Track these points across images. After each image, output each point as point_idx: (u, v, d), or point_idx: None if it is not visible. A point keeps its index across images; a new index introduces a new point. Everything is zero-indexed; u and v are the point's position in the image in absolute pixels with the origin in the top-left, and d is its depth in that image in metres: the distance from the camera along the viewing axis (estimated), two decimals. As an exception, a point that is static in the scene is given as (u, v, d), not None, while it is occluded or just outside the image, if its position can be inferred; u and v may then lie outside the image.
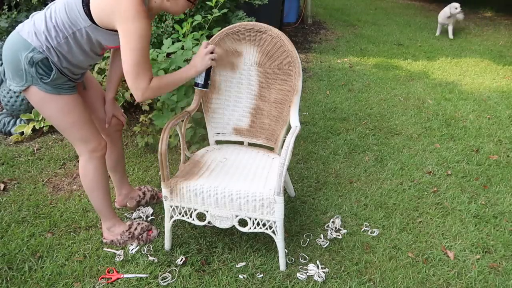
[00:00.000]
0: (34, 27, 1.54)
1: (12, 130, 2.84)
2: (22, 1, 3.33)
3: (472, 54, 5.10)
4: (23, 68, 1.53)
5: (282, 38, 1.93)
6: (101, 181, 1.82)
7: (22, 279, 1.73)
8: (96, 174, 1.79)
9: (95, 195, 1.84)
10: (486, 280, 1.82)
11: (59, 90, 1.60)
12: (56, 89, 1.59)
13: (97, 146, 1.75)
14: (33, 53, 1.51)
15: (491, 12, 7.76)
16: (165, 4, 1.60)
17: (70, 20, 1.53)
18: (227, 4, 3.23)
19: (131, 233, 1.93)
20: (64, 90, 1.62)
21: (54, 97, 1.60)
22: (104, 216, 1.90)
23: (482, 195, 2.40)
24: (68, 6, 1.53)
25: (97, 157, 1.77)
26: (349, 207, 2.26)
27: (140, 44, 1.49)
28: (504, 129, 3.19)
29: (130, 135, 2.87)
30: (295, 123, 1.85)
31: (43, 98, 1.60)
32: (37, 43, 1.52)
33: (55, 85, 1.59)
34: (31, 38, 1.52)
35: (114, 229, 1.93)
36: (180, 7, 1.63)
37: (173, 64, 2.44)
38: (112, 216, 1.93)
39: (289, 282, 1.77)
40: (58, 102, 1.62)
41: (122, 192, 2.14)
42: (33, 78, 1.55)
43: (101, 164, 1.79)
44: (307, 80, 4.06)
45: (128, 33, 1.48)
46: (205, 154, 2.05)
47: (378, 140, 2.98)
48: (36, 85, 1.56)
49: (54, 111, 1.63)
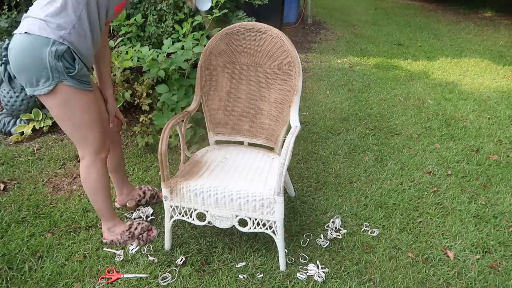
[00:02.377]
0: (40, 21, 1.48)
1: (12, 130, 2.84)
2: (22, 1, 3.32)
3: (472, 54, 5.10)
4: (48, 66, 1.48)
5: (282, 38, 1.93)
6: (104, 183, 1.82)
7: (22, 279, 1.73)
8: (99, 177, 1.78)
9: (98, 197, 1.83)
10: (486, 280, 1.82)
11: (84, 85, 1.58)
12: (81, 84, 1.57)
13: (102, 148, 1.75)
14: (56, 46, 1.47)
15: (491, 12, 7.76)
16: None
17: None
18: (227, 4, 3.23)
19: (131, 233, 1.93)
20: (87, 85, 1.60)
21: (80, 93, 1.58)
22: (105, 217, 1.90)
23: (482, 195, 2.40)
24: None
25: (101, 159, 1.76)
26: (349, 207, 2.26)
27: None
28: (504, 129, 3.19)
29: (130, 135, 2.87)
30: (295, 123, 1.85)
31: (70, 94, 1.56)
32: (54, 35, 1.47)
33: (80, 78, 1.56)
34: (47, 32, 1.47)
35: (115, 229, 1.93)
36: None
37: (173, 64, 2.44)
38: (113, 216, 1.93)
39: (289, 282, 1.77)
40: (82, 99, 1.60)
41: (123, 192, 2.15)
42: (60, 74, 1.50)
43: (104, 166, 1.79)
44: (307, 80, 4.06)
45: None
46: (205, 154, 2.05)
47: (378, 140, 2.98)
48: (64, 81, 1.52)
49: (78, 108, 1.60)
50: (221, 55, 2.03)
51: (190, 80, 2.55)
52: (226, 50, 2.02)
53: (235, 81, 2.07)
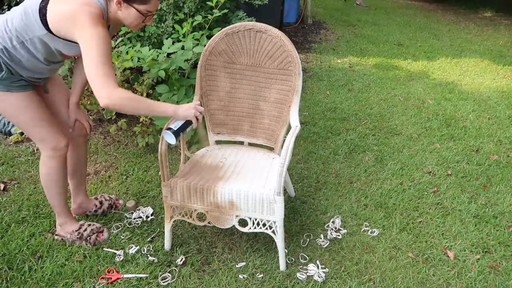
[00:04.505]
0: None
1: (12, 130, 2.84)
2: (22, 1, 3.32)
3: (472, 54, 5.10)
4: None
5: (282, 38, 1.93)
6: (59, 179, 1.81)
7: (22, 279, 1.74)
8: (54, 173, 1.78)
9: (50, 191, 1.83)
10: (486, 280, 1.82)
11: (9, 87, 1.59)
12: (6, 87, 1.59)
13: (56, 145, 1.74)
14: None
15: (491, 12, 7.76)
16: (118, 15, 1.59)
17: (26, 27, 1.52)
18: (227, 4, 3.23)
19: (80, 233, 1.92)
20: (15, 88, 1.61)
21: (7, 95, 1.60)
22: (57, 212, 1.91)
23: (482, 195, 2.40)
24: (25, 12, 1.52)
25: (58, 156, 1.76)
26: (349, 207, 2.26)
27: (100, 46, 1.45)
28: (504, 129, 3.19)
29: (130, 135, 2.87)
30: (295, 123, 1.85)
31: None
32: None
33: (4, 83, 1.58)
34: None
35: (65, 226, 1.93)
36: (133, 19, 1.60)
37: (174, 64, 2.44)
38: (66, 213, 1.92)
39: (289, 282, 1.77)
40: (9, 100, 1.62)
41: (77, 201, 2.07)
42: None
43: (60, 163, 1.78)
44: (307, 80, 4.06)
45: (88, 40, 1.45)
46: (205, 154, 2.05)
47: (378, 140, 2.98)
48: None
49: (8, 109, 1.64)
50: (221, 55, 2.03)
51: (190, 80, 2.55)
52: (226, 50, 2.02)
53: (235, 81, 2.07)
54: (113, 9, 1.58)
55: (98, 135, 2.87)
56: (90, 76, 1.46)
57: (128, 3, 1.56)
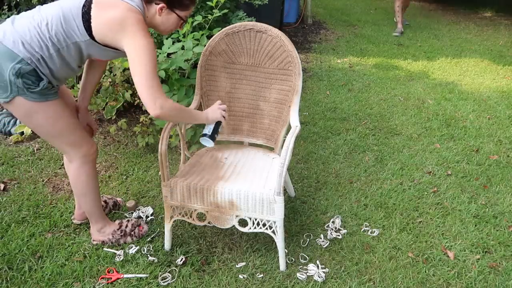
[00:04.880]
0: (20, 36, 1.44)
1: (12, 130, 2.84)
2: (22, 1, 3.32)
3: (472, 54, 5.10)
4: (7, 79, 1.44)
5: (282, 38, 1.93)
6: (93, 185, 1.81)
7: (22, 279, 1.74)
8: (88, 178, 1.78)
9: (87, 198, 1.83)
10: (486, 280, 1.82)
11: (47, 96, 1.55)
12: (44, 96, 1.54)
13: (89, 150, 1.74)
14: (21, 65, 1.43)
15: (491, 12, 7.76)
16: (156, 20, 1.59)
17: (65, 33, 1.47)
18: (227, 4, 3.23)
19: (123, 231, 1.93)
20: (51, 96, 1.56)
21: (43, 105, 1.55)
22: (95, 218, 1.90)
23: (482, 195, 2.40)
24: (65, 18, 1.46)
25: (90, 161, 1.76)
26: (349, 207, 2.26)
27: (149, 57, 1.46)
28: (504, 129, 3.19)
29: (130, 135, 2.87)
30: (295, 123, 1.85)
31: (31, 108, 1.53)
32: (25, 54, 1.44)
33: (43, 92, 1.53)
34: (18, 48, 1.43)
35: (105, 229, 1.92)
36: (171, 24, 1.61)
37: (174, 64, 2.44)
38: (103, 218, 1.92)
39: (289, 282, 1.77)
40: (47, 110, 1.57)
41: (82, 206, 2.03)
42: (19, 89, 1.47)
43: (93, 168, 1.78)
44: (307, 80, 4.06)
45: (138, 49, 1.46)
46: (205, 154, 2.05)
47: (378, 140, 2.98)
48: (23, 96, 1.49)
49: (44, 119, 1.58)
50: (221, 55, 2.03)
51: (191, 80, 2.55)
52: (226, 50, 2.02)
53: (235, 81, 2.07)
54: (151, 13, 1.58)
55: (98, 135, 2.87)
56: (140, 86, 1.47)
57: (171, 9, 1.58)
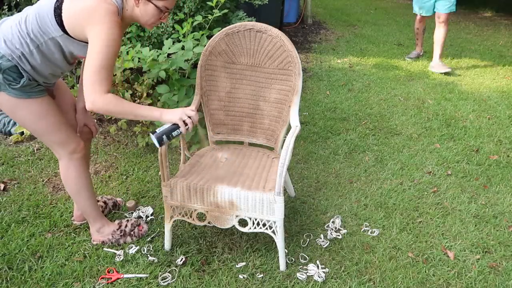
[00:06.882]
0: (3, 34, 1.50)
1: (12, 130, 2.84)
2: (22, 1, 3.32)
3: (472, 54, 5.10)
4: None
5: (282, 38, 1.93)
6: (85, 182, 1.80)
7: (22, 279, 1.74)
8: (78, 176, 1.77)
9: (81, 197, 1.82)
10: (486, 280, 1.82)
11: (29, 94, 1.57)
12: (26, 93, 1.56)
13: (76, 147, 1.73)
14: (1, 61, 1.48)
15: (491, 12, 7.76)
16: (135, 12, 1.58)
17: (41, 29, 1.50)
18: (227, 4, 3.23)
19: (122, 231, 1.93)
20: (34, 93, 1.59)
21: (26, 102, 1.57)
22: (92, 218, 1.89)
23: (482, 195, 2.40)
24: (39, 15, 1.50)
25: (78, 159, 1.75)
26: (349, 207, 2.26)
27: (106, 49, 1.44)
28: (504, 129, 3.19)
29: (130, 135, 2.87)
30: (295, 123, 1.85)
31: (14, 104, 1.57)
32: (6, 51, 1.48)
33: (25, 89, 1.56)
34: (1, 46, 1.49)
35: (104, 229, 1.92)
36: (150, 15, 1.58)
37: (174, 64, 2.44)
38: (101, 217, 1.92)
39: (289, 282, 1.77)
40: (30, 107, 1.59)
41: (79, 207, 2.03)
42: (1, 85, 1.52)
43: (82, 165, 1.78)
44: (307, 80, 4.06)
45: (98, 37, 1.44)
46: (205, 154, 2.05)
47: (378, 140, 2.98)
48: (5, 91, 1.53)
49: (28, 116, 1.60)
50: (221, 55, 2.03)
51: (191, 80, 2.55)
52: (226, 50, 2.02)
53: (235, 81, 2.07)
54: (129, 6, 1.56)
55: (98, 135, 2.87)
56: (85, 80, 1.46)
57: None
